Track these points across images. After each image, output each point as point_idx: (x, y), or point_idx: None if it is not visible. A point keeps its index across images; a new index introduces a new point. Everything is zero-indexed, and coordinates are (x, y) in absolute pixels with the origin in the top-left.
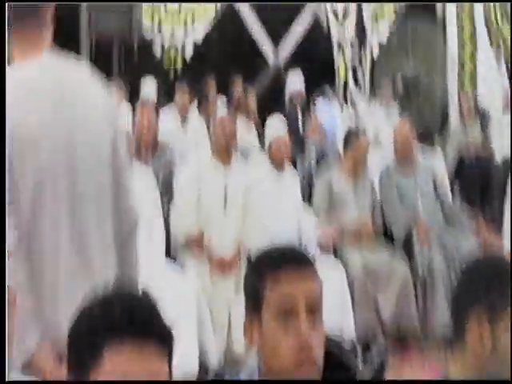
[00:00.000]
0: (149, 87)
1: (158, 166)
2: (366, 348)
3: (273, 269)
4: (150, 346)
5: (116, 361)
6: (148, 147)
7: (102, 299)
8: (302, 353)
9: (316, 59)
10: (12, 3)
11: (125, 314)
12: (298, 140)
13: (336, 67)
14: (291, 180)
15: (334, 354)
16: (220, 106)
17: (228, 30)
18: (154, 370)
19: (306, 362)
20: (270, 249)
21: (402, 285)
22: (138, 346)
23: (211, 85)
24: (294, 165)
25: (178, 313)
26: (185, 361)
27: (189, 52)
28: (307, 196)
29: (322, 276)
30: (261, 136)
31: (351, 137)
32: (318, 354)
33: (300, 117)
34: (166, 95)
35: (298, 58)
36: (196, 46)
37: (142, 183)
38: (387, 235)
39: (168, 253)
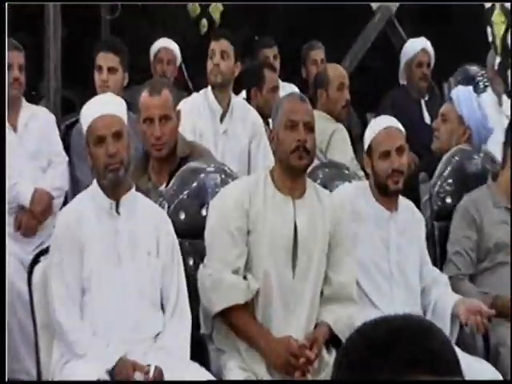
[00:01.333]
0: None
1: (180, 191)
2: None
3: (392, 373)
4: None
5: None
6: (162, 160)
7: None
8: None
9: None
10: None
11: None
12: (421, 146)
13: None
14: (410, 218)
15: None
16: (287, 98)
17: None
18: None
19: None
20: (385, 335)
21: None
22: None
23: (271, 56)
24: (414, 190)
25: None
26: None
27: None
28: (438, 244)
29: None
30: (356, 147)
31: None
32: None
33: (425, 109)
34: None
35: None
36: None
37: (147, 224)
38: None
39: (193, 349)
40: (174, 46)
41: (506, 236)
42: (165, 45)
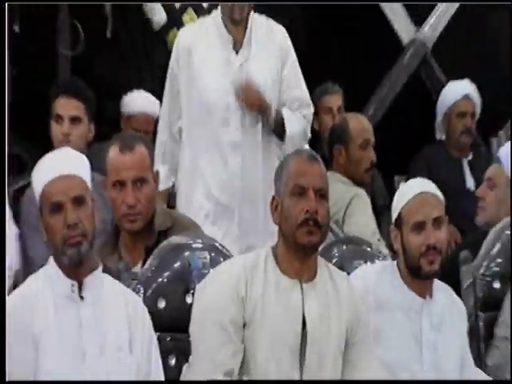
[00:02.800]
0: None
1: (159, 273)
2: None
3: None
4: None
5: None
6: (137, 234)
7: None
8: None
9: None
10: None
11: None
12: (463, 218)
13: None
14: (449, 307)
15: None
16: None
17: None
18: None
19: None
20: None
21: None
22: None
23: None
24: (454, 272)
25: None
26: None
27: None
28: (483, 340)
29: None
30: (381, 219)
31: None
32: None
33: (467, 172)
34: None
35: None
36: None
37: (117, 313)
38: None
39: None
40: (155, 108)
41: None
42: (143, 109)
